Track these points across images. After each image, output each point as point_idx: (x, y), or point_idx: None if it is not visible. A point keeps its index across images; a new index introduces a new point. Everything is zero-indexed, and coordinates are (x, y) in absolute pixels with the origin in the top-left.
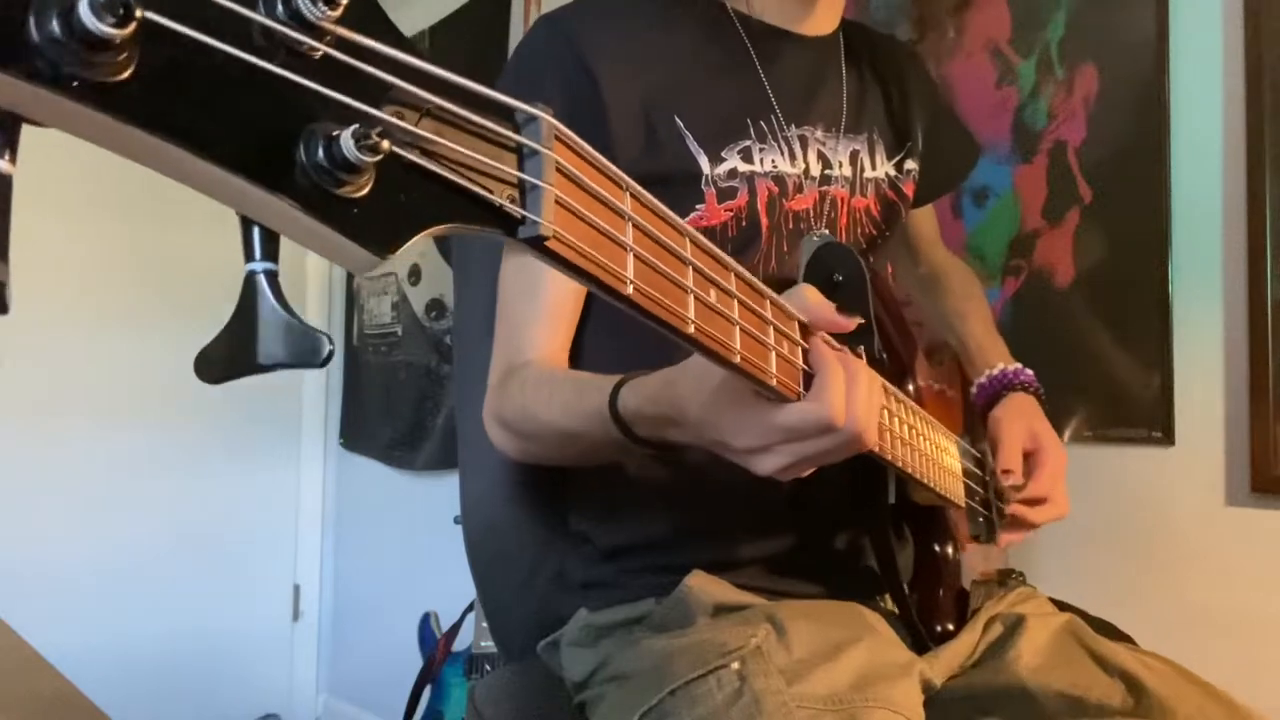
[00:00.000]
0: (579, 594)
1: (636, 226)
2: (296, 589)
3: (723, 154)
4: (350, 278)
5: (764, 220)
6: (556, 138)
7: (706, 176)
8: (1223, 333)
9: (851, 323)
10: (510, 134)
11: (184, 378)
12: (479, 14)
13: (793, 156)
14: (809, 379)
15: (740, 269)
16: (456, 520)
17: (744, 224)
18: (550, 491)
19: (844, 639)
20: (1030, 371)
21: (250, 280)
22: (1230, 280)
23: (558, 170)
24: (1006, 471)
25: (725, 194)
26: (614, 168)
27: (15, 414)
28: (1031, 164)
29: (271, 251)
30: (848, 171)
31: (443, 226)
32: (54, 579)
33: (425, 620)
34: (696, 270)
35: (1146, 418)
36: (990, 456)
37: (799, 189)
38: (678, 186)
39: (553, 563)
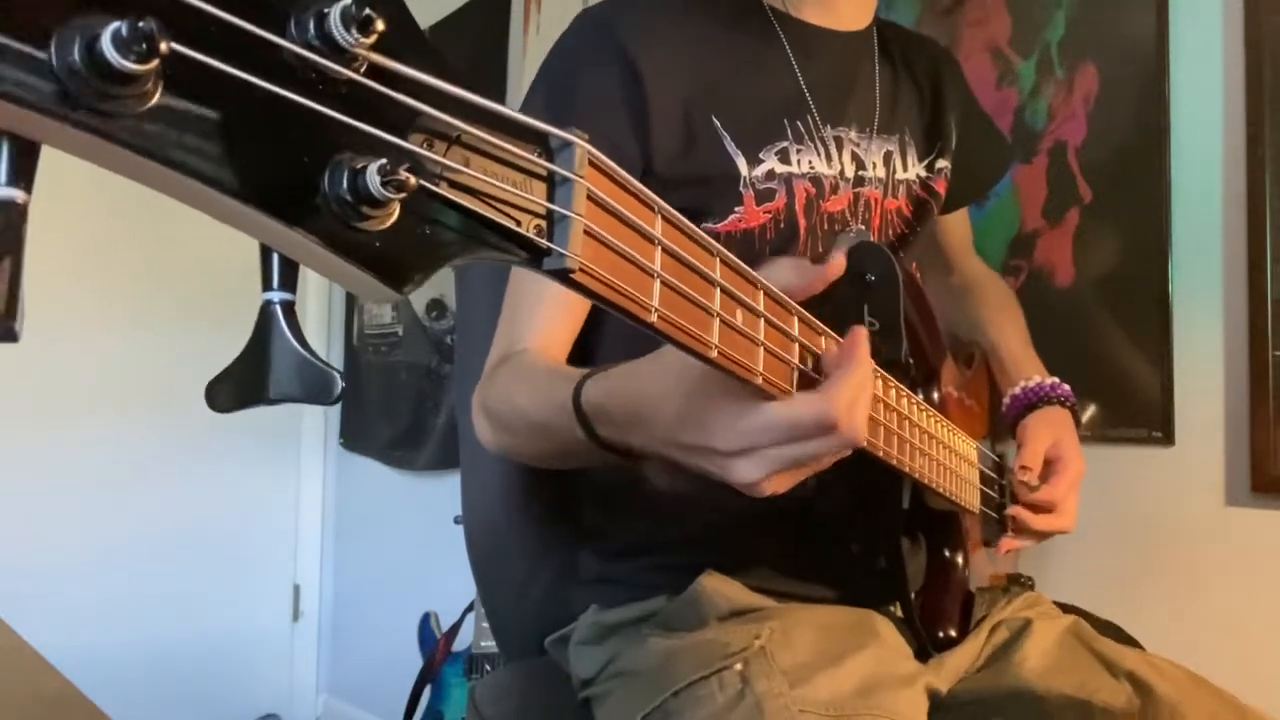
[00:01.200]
0: (591, 588)
1: (665, 251)
2: (296, 589)
3: (760, 155)
4: None
5: (802, 222)
6: (590, 163)
7: (744, 179)
8: (1223, 333)
9: (838, 265)
10: (542, 162)
11: (184, 378)
12: (479, 14)
13: (829, 158)
14: (806, 380)
15: (770, 287)
16: (457, 520)
17: (782, 226)
18: (552, 490)
19: (849, 646)
20: (1066, 386)
21: (266, 310)
22: (1230, 280)
23: (589, 199)
24: (1025, 468)
25: (763, 196)
26: (646, 190)
27: (15, 414)
28: (1031, 164)
29: (289, 281)
30: (881, 173)
31: (463, 259)
32: (54, 579)
33: (425, 620)
34: (724, 292)
35: (1146, 418)
36: (1012, 459)
37: (835, 190)
38: (716, 188)
39: (559, 558)
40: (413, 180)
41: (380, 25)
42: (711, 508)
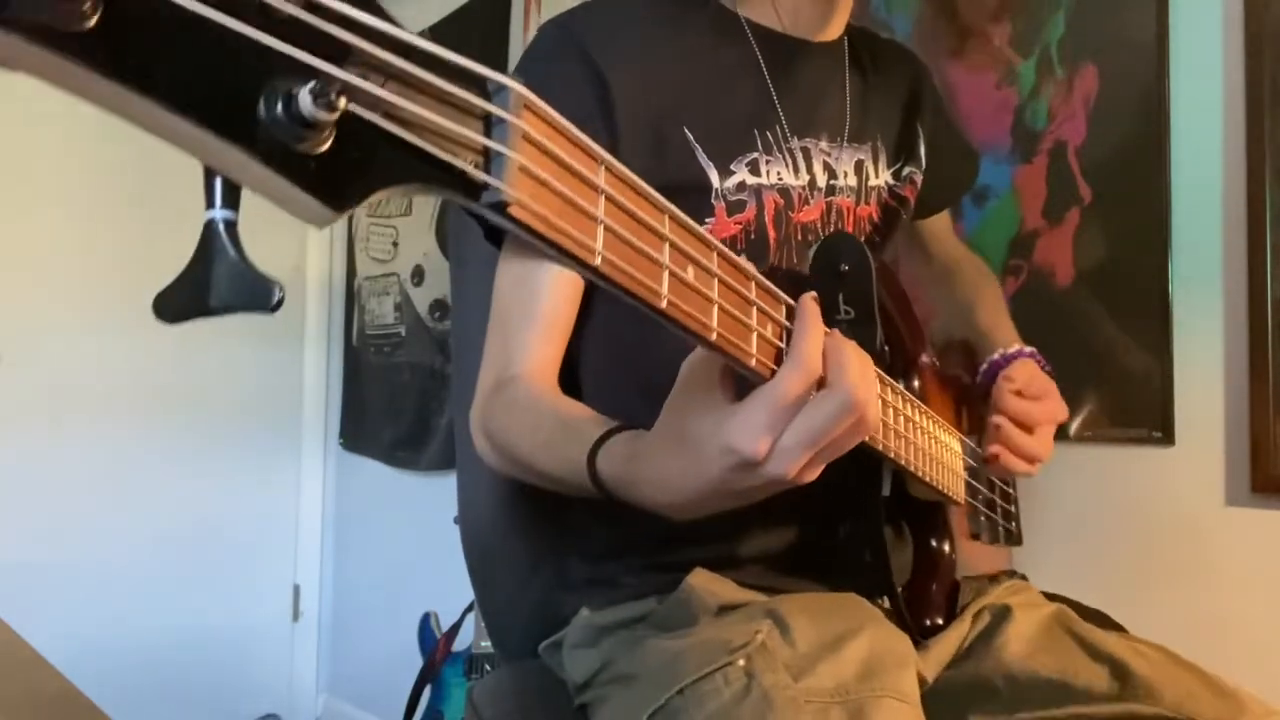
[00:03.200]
0: (580, 592)
1: (610, 200)
2: (296, 589)
3: (731, 167)
4: (350, 279)
5: (772, 233)
6: (526, 107)
7: (716, 190)
8: (1223, 333)
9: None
10: (478, 100)
11: (184, 378)
12: (479, 14)
13: (796, 169)
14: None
15: (724, 249)
16: (456, 520)
17: (753, 237)
18: (547, 492)
19: (845, 630)
20: (1035, 349)
21: (209, 227)
22: (1230, 280)
23: (525, 139)
24: (1009, 378)
25: (734, 207)
26: (589, 141)
27: (15, 414)
28: (1031, 164)
29: (232, 200)
30: (853, 181)
31: (401, 186)
32: (54, 579)
33: (425, 620)
34: (674, 246)
35: (1146, 418)
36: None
37: (804, 201)
38: (688, 200)
39: (551, 563)
40: (343, 101)
41: None
42: None
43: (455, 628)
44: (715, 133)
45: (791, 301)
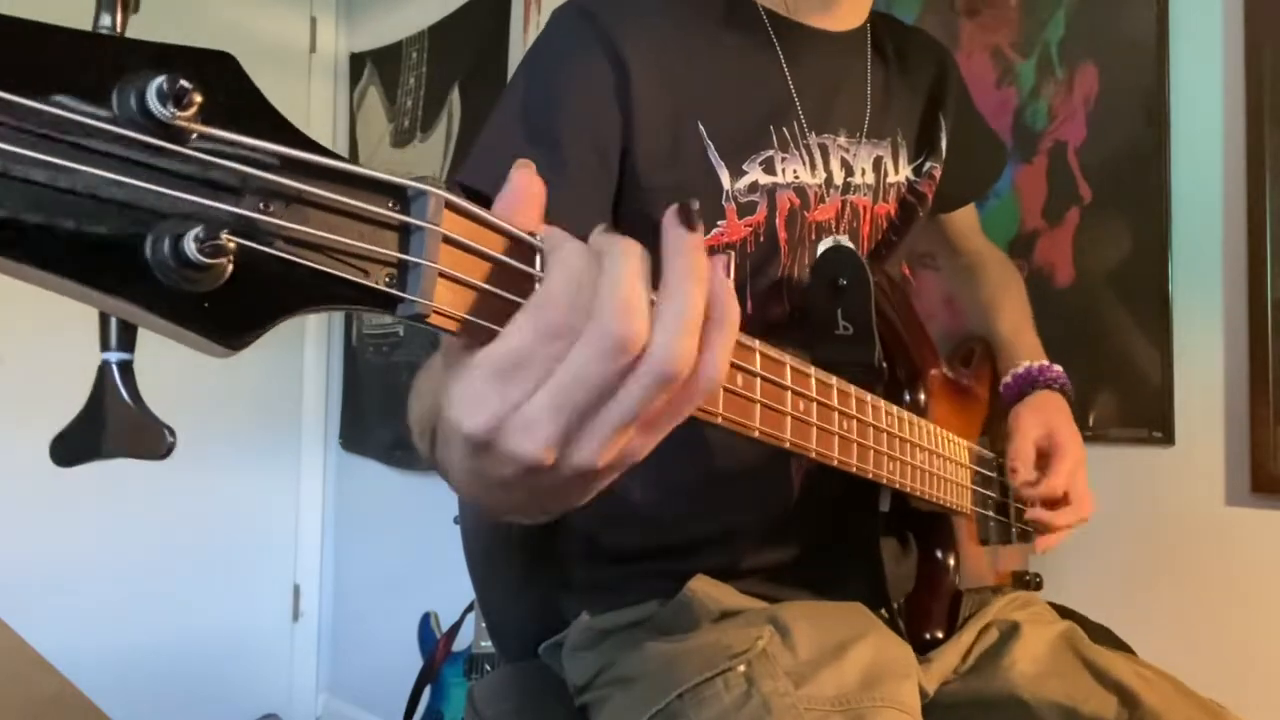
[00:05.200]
0: (582, 596)
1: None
2: (296, 589)
3: (744, 167)
4: None
5: (782, 234)
6: (448, 207)
7: (727, 192)
8: (1223, 333)
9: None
10: (389, 213)
11: (184, 378)
12: (479, 14)
13: (813, 166)
14: None
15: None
16: (456, 520)
17: (762, 239)
18: None
19: (847, 637)
20: (1058, 368)
21: (103, 370)
22: (1230, 280)
23: (446, 241)
24: (1014, 470)
25: (745, 209)
26: (518, 232)
27: (15, 414)
28: (1031, 164)
29: (127, 341)
30: (870, 179)
31: (311, 309)
32: (54, 579)
33: (425, 620)
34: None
35: (1146, 418)
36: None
37: (820, 199)
38: (699, 201)
39: (551, 564)
40: (233, 243)
41: (198, 98)
42: (698, 517)
43: (455, 628)
44: (730, 130)
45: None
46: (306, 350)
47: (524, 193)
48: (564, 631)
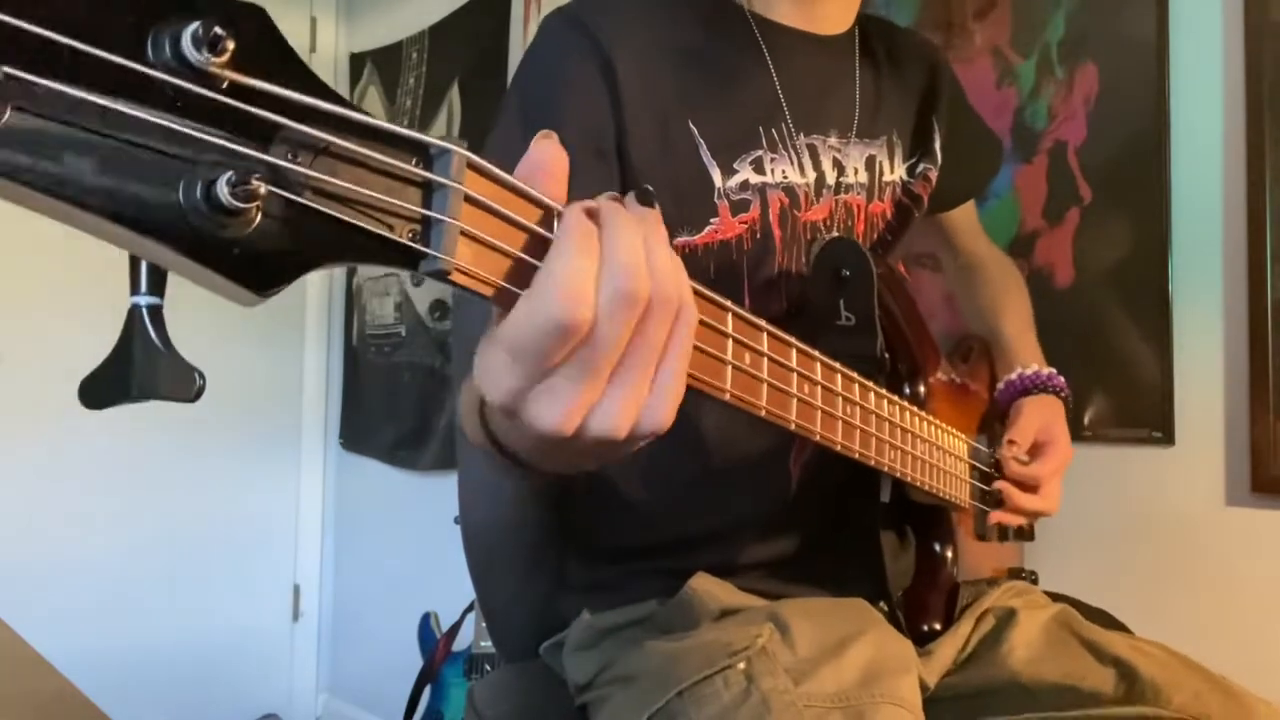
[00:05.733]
0: (582, 595)
1: None
2: (296, 589)
3: (735, 166)
4: (350, 278)
5: (777, 232)
6: (469, 167)
7: (719, 189)
8: (1223, 333)
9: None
10: (413, 169)
11: None
12: (479, 14)
13: (801, 167)
14: None
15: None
16: (457, 520)
17: (758, 236)
18: (549, 493)
19: (847, 634)
20: (1061, 378)
21: (132, 314)
22: (1230, 280)
23: (468, 201)
24: (1012, 442)
25: (738, 206)
26: (540, 195)
27: (15, 413)
28: (1031, 164)
29: (157, 286)
30: (864, 178)
31: (335, 262)
32: (54, 579)
33: (425, 620)
34: None
35: (1146, 418)
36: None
37: (810, 200)
38: (691, 199)
39: (551, 564)
40: (263, 189)
41: (231, 45)
42: (697, 513)
43: (455, 628)
44: (720, 129)
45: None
46: (306, 350)
47: (546, 160)
48: (564, 631)
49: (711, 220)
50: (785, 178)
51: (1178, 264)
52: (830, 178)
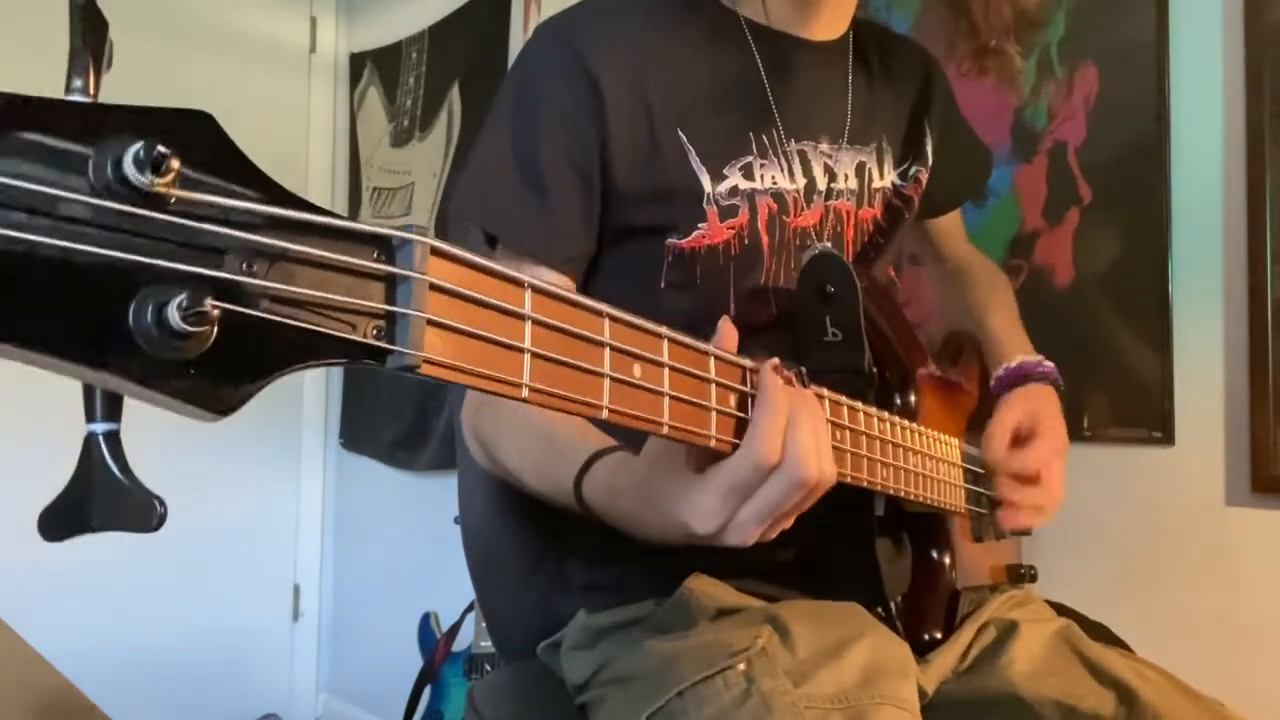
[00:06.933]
0: (579, 595)
1: (537, 324)
2: (296, 589)
3: (725, 171)
4: None
5: (765, 239)
6: (434, 253)
7: (708, 195)
8: (1223, 333)
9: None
10: (374, 264)
11: None
12: (479, 14)
13: (791, 173)
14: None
15: (674, 335)
16: (457, 520)
17: (746, 242)
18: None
19: (845, 636)
20: (1050, 364)
21: (89, 442)
22: (1230, 280)
23: (434, 289)
24: (988, 436)
25: (727, 212)
26: (509, 272)
27: (15, 413)
28: (1031, 164)
29: (113, 411)
30: (854, 184)
31: (296, 370)
32: (54, 579)
33: (425, 620)
34: (615, 350)
35: (1146, 418)
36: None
37: (800, 206)
38: (680, 204)
39: (550, 564)
40: (215, 311)
41: (175, 163)
42: None
43: (455, 628)
44: (709, 135)
45: (755, 366)
46: None
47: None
48: (562, 631)
49: (699, 225)
50: (775, 184)
51: (1178, 264)
52: (821, 184)
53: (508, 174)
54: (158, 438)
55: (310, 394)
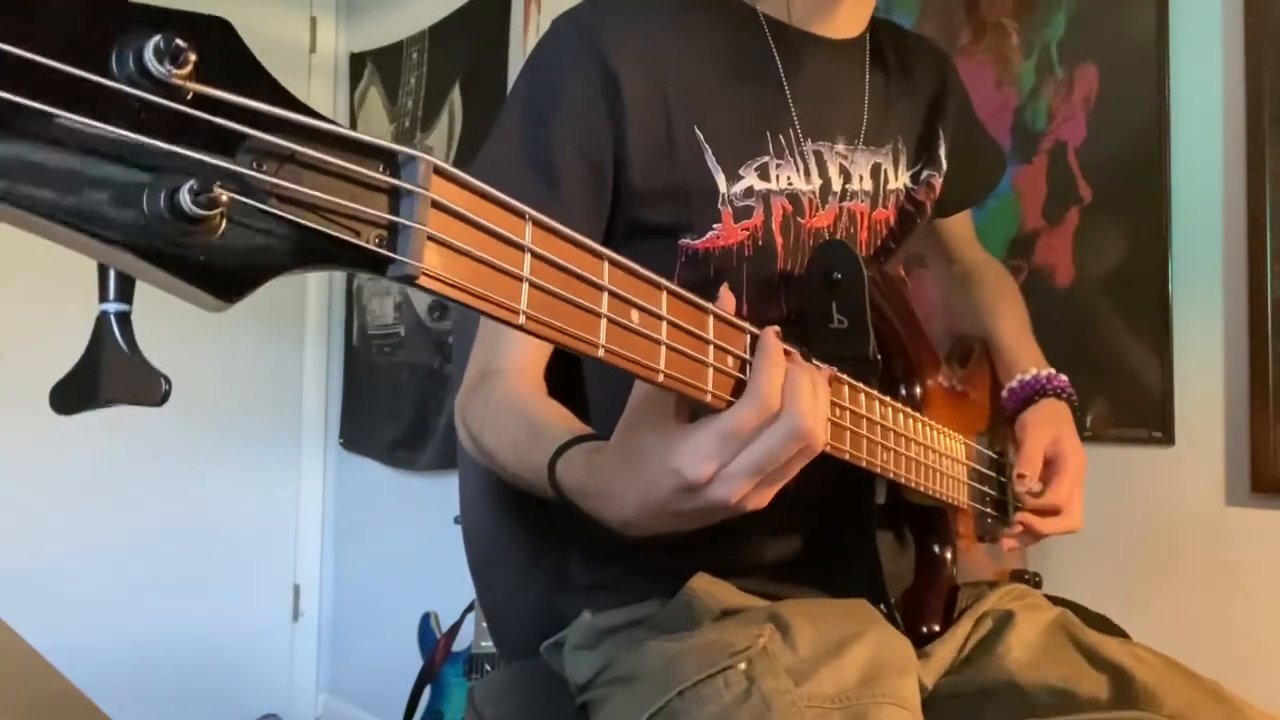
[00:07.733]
0: (582, 595)
1: (536, 256)
2: (296, 589)
3: (740, 172)
4: (350, 279)
5: (779, 239)
6: (437, 173)
7: (723, 195)
8: (1223, 333)
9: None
10: (380, 175)
11: (184, 378)
12: (479, 14)
13: (808, 173)
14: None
15: (675, 289)
16: (456, 520)
17: (760, 243)
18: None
19: (847, 635)
20: (1064, 378)
21: (100, 320)
22: (1230, 280)
23: (436, 207)
24: (1021, 476)
25: (741, 213)
26: (512, 201)
27: (15, 413)
28: (1031, 164)
29: (125, 293)
30: (869, 185)
31: (303, 268)
32: (54, 579)
33: (425, 620)
34: (614, 295)
35: (1146, 418)
36: (1011, 458)
37: (815, 207)
38: (694, 204)
39: (551, 563)
40: (225, 196)
41: (193, 57)
42: None
43: (455, 628)
44: (727, 133)
45: (755, 331)
46: (306, 349)
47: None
48: (564, 630)
49: (714, 226)
50: (790, 184)
51: (1178, 264)
52: (836, 184)
53: (519, 165)
54: (159, 438)
55: (310, 394)
